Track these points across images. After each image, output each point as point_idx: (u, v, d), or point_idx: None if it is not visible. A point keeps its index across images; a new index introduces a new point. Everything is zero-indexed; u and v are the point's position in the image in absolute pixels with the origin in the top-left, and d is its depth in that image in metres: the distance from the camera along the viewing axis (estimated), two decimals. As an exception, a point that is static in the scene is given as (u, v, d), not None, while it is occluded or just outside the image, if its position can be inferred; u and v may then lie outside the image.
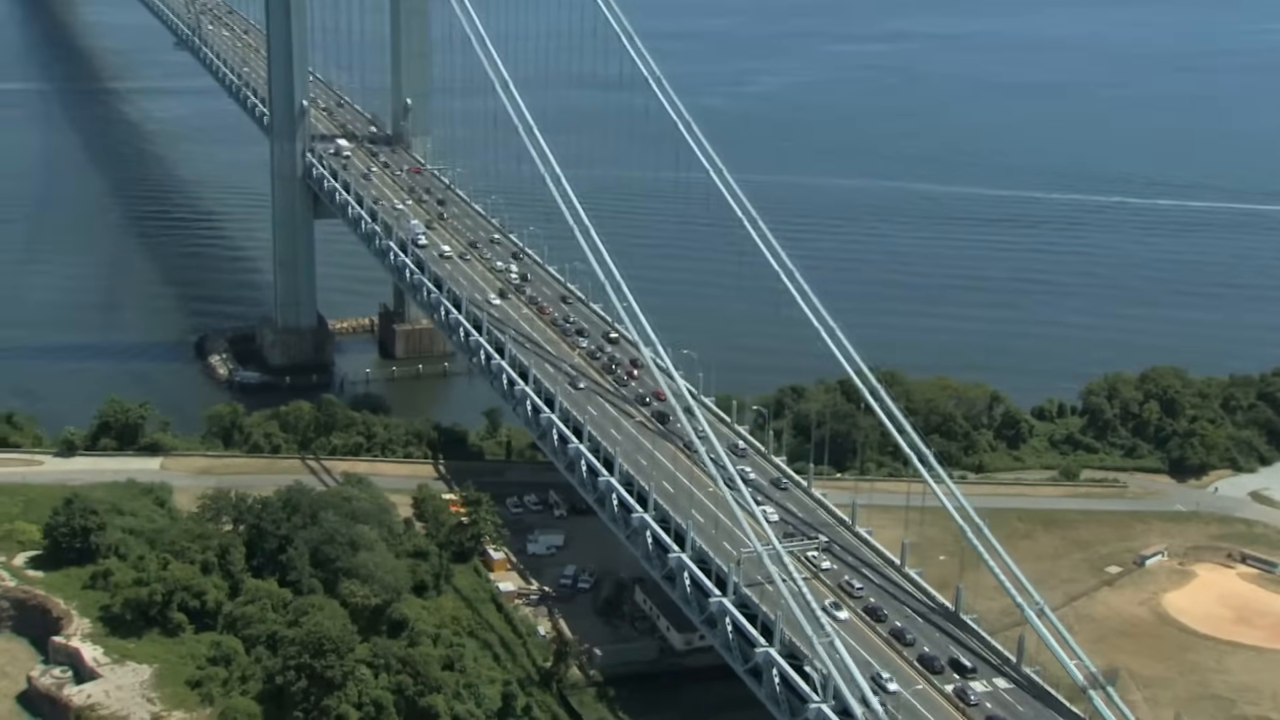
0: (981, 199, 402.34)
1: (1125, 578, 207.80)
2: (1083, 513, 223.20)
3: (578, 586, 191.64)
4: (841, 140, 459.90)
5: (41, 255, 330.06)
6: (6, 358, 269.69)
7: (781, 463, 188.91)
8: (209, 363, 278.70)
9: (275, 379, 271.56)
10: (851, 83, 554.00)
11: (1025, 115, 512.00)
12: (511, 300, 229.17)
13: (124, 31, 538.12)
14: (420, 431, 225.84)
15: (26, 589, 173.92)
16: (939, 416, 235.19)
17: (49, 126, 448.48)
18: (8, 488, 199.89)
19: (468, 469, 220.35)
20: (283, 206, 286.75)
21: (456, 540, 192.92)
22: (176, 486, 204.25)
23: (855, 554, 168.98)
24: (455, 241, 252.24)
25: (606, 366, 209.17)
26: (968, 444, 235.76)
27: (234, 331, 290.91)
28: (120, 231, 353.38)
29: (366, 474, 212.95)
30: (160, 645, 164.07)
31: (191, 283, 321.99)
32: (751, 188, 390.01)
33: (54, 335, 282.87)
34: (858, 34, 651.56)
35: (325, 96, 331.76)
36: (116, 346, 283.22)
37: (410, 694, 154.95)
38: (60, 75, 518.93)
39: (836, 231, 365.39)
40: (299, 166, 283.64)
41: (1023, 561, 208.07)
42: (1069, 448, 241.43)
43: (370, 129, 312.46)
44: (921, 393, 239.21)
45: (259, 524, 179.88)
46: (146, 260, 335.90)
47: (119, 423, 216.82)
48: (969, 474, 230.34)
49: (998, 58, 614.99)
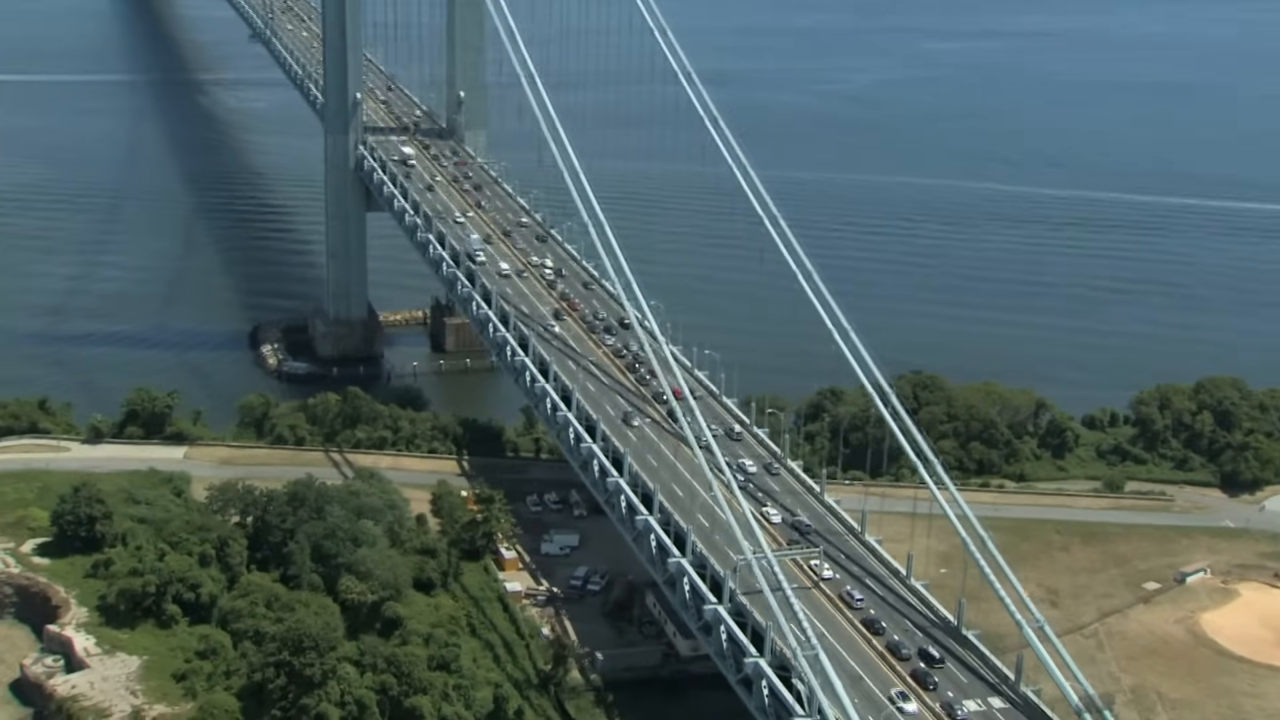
0: (1058, 200, 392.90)
1: (1163, 595, 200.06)
2: (1125, 526, 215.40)
3: (587, 588, 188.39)
4: (919, 140, 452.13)
5: (112, 244, 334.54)
6: (66, 344, 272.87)
7: (797, 467, 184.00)
8: (260, 353, 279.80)
9: (323, 370, 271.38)
10: (939, 81, 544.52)
11: (1116, 115, 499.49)
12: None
13: (217, 24, 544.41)
14: (445, 427, 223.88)
15: (30, 576, 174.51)
16: (980, 423, 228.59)
17: (136, 117, 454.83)
18: (28, 473, 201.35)
19: (492, 466, 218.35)
20: (334, 198, 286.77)
21: (468, 538, 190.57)
22: (197, 476, 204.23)
23: (860, 563, 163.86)
24: (514, 258, 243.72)
25: (630, 365, 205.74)
26: (1009, 452, 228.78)
27: (288, 322, 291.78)
28: (190, 221, 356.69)
29: (390, 468, 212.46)
30: (153, 637, 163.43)
31: (254, 273, 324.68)
32: (818, 185, 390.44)
33: (115, 323, 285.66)
34: (952, 31, 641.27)
35: (384, 89, 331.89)
36: (174, 335, 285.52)
37: (395, 694, 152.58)
38: (153, 67, 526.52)
39: (903, 232, 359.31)
40: (351, 158, 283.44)
41: (1057, 575, 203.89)
42: (1116, 458, 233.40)
43: (427, 122, 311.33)
44: (964, 398, 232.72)
45: (264, 517, 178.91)
46: (212, 250, 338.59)
47: (146, 411, 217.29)
48: (1007, 483, 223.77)
49: (1093, 56, 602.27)
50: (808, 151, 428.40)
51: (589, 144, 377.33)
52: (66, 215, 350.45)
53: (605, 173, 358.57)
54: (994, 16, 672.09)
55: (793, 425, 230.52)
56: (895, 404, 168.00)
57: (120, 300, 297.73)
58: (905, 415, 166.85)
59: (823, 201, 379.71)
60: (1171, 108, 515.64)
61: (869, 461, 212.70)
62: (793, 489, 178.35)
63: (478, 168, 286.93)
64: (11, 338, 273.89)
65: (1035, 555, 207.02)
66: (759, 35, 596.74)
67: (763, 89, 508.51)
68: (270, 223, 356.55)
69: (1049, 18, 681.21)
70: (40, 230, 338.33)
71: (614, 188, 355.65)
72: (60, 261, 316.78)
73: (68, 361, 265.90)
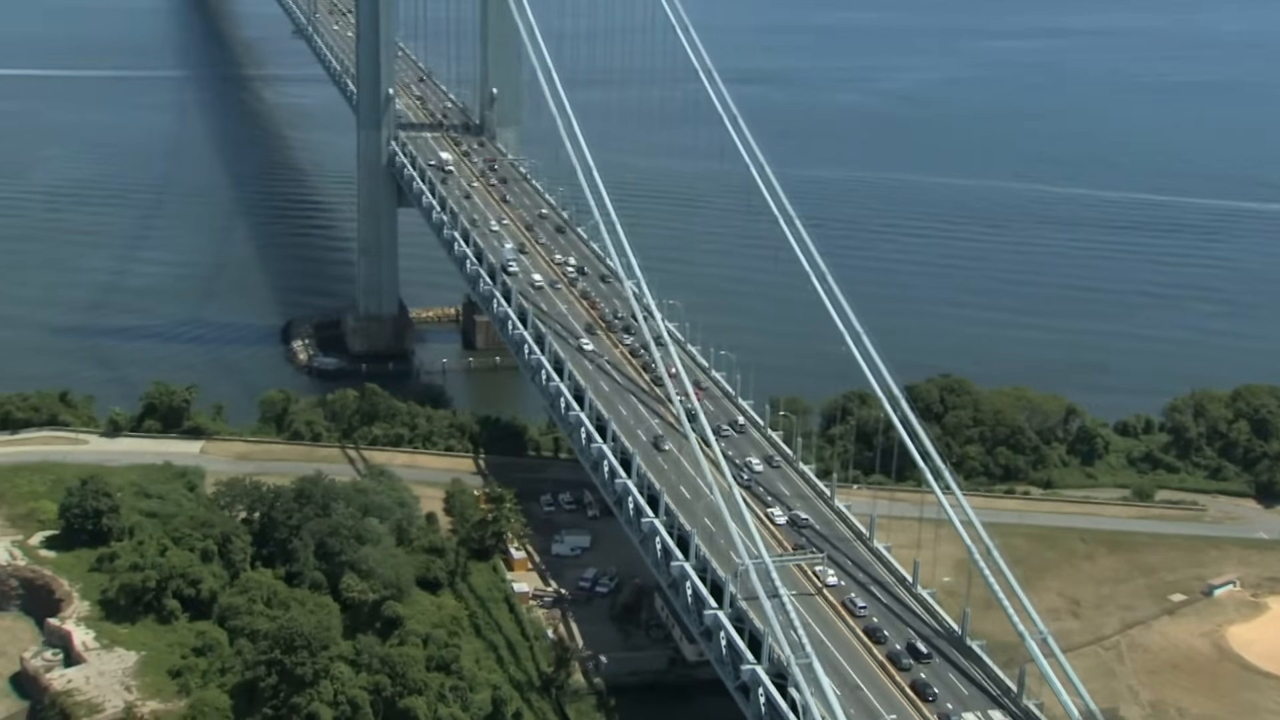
0: (1112, 204, 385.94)
1: (1189, 607, 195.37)
2: (1153, 536, 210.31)
3: (596, 590, 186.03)
4: (969, 140, 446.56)
5: (155, 239, 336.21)
6: (101, 337, 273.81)
7: (809, 470, 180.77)
8: (292, 348, 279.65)
9: (352, 366, 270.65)
10: (992, 80, 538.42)
11: (1184, 116, 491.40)
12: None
13: (269, 20, 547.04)
14: (462, 425, 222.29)
15: (35, 568, 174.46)
16: (1007, 428, 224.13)
17: (187, 112, 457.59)
18: (43, 466, 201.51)
19: (509, 464, 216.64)
20: (366, 194, 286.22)
21: (477, 537, 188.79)
22: (211, 471, 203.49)
23: (867, 570, 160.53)
24: (547, 269, 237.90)
25: (646, 364, 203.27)
26: (1037, 458, 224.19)
27: (320, 317, 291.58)
28: (231, 216, 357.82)
29: (405, 466, 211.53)
30: (152, 632, 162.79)
31: (290, 268, 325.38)
32: (864, 186, 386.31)
33: (150, 317, 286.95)
34: (1008, 30, 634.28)
35: (419, 83, 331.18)
36: (208, 330, 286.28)
37: (389, 695, 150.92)
38: (206, 63, 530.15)
39: (946, 234, 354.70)
40: (384, 154, 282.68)
41: (1080, 585, 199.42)
42: (1147, 466, 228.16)
43: (460, 118, 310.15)
44: (992, 403, 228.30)
45: (270, 513, 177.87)
46: (250, 245, 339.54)
47: (164, 405, 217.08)
48: (1034, 489, 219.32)
49: (1160, 55, 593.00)
50: (854, 151, 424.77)
51: (618, 141, 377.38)
52: (114, 210, 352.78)
53: (635, 169, 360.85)
54: (1056, 15, 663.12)
55: (816, 428, 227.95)
56: (905, 409, 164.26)
57: (157, 295, 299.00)
58: (915, 420, 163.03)
59: (867, 202, 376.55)
60: (1241, 109, 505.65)
61: (894, 465, 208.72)
62: (803, 493, 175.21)
63: (506, 164, 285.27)
64: (49, 331, 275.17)
65: (1059, 564, 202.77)
66: (806, 33, 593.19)
67: (810, 88, 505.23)
68: (309, 219, 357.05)
69: (1118, 15, 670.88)
70: (88, 225, 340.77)
71: (642, 185, 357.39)
72: (104, 256, 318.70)
73: (101, 355, 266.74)
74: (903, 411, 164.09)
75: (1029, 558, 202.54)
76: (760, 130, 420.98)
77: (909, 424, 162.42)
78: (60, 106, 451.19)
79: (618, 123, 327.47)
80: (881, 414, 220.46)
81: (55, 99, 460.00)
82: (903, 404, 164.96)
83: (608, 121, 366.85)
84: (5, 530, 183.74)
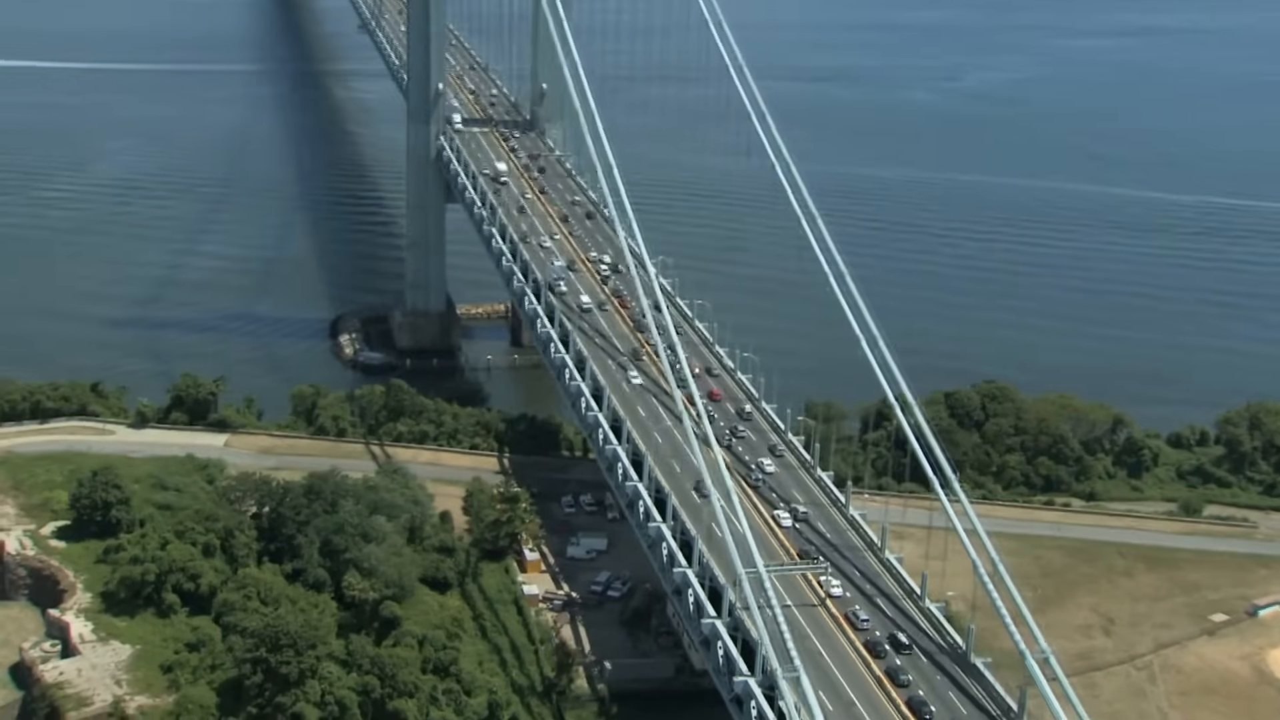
0: (1189, 207, 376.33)
1: (1231, 628, 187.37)
2: (1197, 552, 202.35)
3: (608, 594, 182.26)
4: (1042, 140, 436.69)
5: (214, 232, 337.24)
6: (151, 330, 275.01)
7: (827, 477, 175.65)
8: (338, 342, 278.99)
9: (397, 361, 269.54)
10: (1071, 79, 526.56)
11: (1273, 117, 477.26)
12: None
13: (347, 15, 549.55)
14: (488, 422, 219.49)
15: (43, 559, 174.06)
16: (1049, 437, 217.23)
17: (257, 106, 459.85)
18: (65, 455, 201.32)
19: (535, 464, 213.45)
20: (415, 189, 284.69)
21: (490, 538, 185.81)
22: (233, 464, 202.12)
23: (874, 581, 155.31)
24: (596, 288, 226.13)
25: (672, 364, 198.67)
26: (1080, 469, 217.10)
27: (369, 312, 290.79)
28: (291, 210, 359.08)
29: (429, 463, 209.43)
30: (150, 626, 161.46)
31: (345, 263, 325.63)
32: (932, 186, 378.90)
33: (202, 311, 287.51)
34: (1088, 28, 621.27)
35: (473, 78, 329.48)
36: (258, 323, 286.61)
37: (378, 696, 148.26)
38: (280, 57, 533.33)
39: (1011, 237, 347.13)
40: (432, 149, 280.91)
41: (1115, 601, 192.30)
42: (1197, 480, 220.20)
43: (511, 114, 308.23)
44: (1035, 411, 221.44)
45: (279, 509, 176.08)
46: (307, 239, 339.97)
47: (190, 397, 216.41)
48: (1074, 501, 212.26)
49: (1253, 53, 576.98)
50: (921, 150, 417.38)
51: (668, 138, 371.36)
52: (178, 203, 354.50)
53: (685, 167, 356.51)
54: (1141, 13, 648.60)
55: (854, 433, 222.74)
56: (918, 416, 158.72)
57: (211, 289, 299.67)
58: (927, 427, 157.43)
59: (931, 204, 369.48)
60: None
61: (924, 474, 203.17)
62: (817, 499, 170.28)
63: (553, 160, 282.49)
64: (100, 324, 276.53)
65: (1094, 579, 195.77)
66: (882, 30, 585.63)
67: (881, 86, 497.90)
68: (367, 213, 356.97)
69: (1207, 14, 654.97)
70: (151, 218, 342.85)
71: (692, 183, 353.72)
72: (163, 249, 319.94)
73: (148, 348, 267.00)
74: (915, 419, 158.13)
75: (1063, 572, 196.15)
76: (824, 128, 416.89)
77: (920, 432, 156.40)
78: (136, 100, 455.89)
79: (673, 118, 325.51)
80: (916, 420, 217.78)
81: (133, 92, 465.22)
82: (916, 411, 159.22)
83: (663, 117, 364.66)
84: (19, 519, 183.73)
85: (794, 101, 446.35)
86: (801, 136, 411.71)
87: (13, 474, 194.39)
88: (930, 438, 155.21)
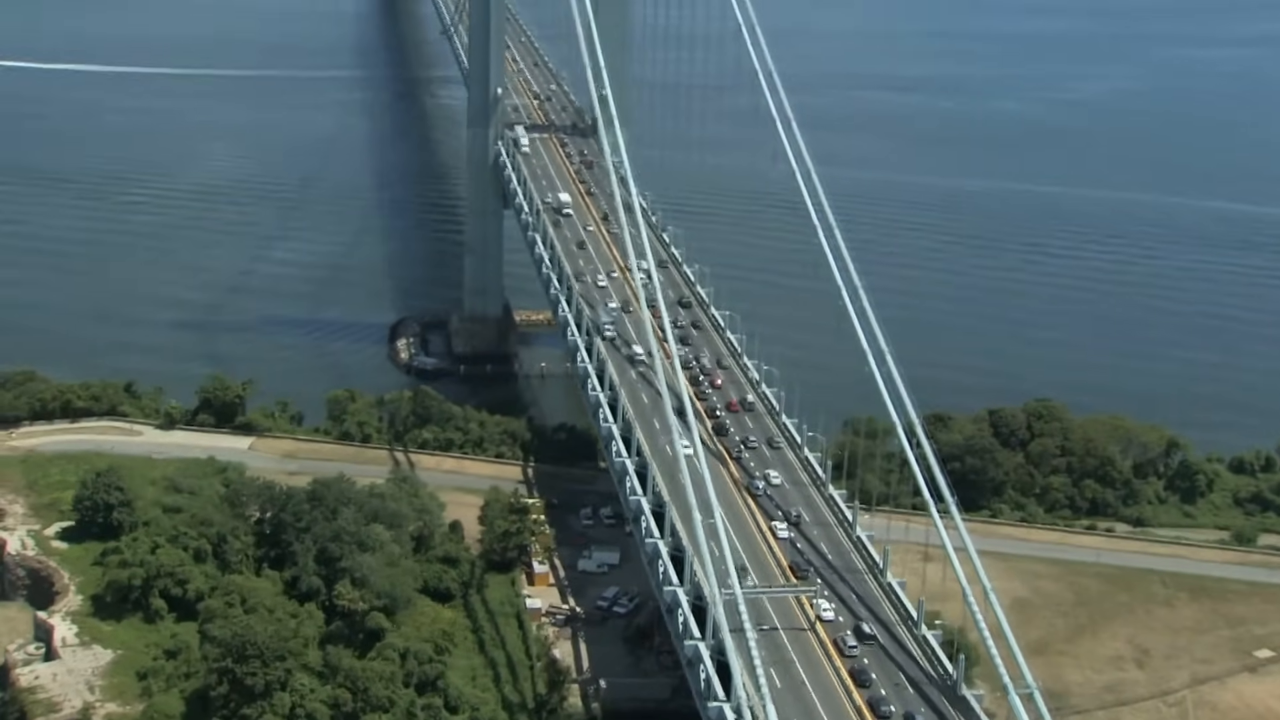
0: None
1: (1276, 665, 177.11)
2: (1248, 584, 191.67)
3: (614, 610, 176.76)
4: (1142, 153, 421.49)
5: (290, 236, 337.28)
6: (214, 333, 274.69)
7: (838, 496, 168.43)
8: (395, 346, 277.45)
9: (451, 366, 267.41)
10: (1183, 91, 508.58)
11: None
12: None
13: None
14: (514, 431, 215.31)
15: (41, 559, 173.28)
16: (1096, 459, 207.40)
17: (348, 111, 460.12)
18: (85, 455, 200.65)
19: (559, 475, 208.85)
20: (474, 194, 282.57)
21: (499, 549, 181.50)
22: (254, 468, 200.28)
23: (870, 605, 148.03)
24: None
25: (694, 378, 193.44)
26: (1128, 493, 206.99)
27: (430, 316, 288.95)
28: (366, 213, 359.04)
29: (451, 471, 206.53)
30: (135, 631, 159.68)
31: (413, 266, 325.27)
32: (1017, 197, 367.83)
33: (267, 314, 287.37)
34: (1212, 37, 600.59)
35: (541, 85, 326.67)
36: (321, 326, 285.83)
37: (350, 710, 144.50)
38: (376, 64, 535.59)
39: (1093, 252, 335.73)
40: (490, 153, 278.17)
41: (1152, 633, 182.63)
42: (1255, 508, 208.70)
43: (573, 118, 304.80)
44: (1084, 431, 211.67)
45: (280, 514, 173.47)
46: (380, 242, 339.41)
47: (218, 400, 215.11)
48: (1118, 526, 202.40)
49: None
50: (1015, 161, 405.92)
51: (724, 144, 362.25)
52: (258, 207, 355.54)
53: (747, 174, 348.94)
54: (1261, 23, 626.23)
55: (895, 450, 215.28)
56: (920, 435, 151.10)
57: (279, 292, 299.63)
58: (928, 446, 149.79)
59: (1016, 216, 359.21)
60: None
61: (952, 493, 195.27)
62: (823, 519, 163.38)
63: (608, 166, 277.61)
64: (161, 326, 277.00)
65: (1132, 609, 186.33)
66: (990, 40, 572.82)
67: (981, 96, 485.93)
68: (438, 218, 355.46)
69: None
70: (229, 222, 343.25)
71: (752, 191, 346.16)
72: (236, 252, 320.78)
73: (204, 351, 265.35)
74: (918, 437, 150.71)
75: (1098, 600, 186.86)
76: (916, 138, 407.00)
77: (921, 450, 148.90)
78: (235, 106, 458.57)
79: (728, 124, 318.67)
80: (960, 439, 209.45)
81: (233, 98, 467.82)
82: (918, 429, 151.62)
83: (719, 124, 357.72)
84: (26, 519, 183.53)
85: (887, 110, 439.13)
86: (891, 147, 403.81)
87: (29, 473, 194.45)
88: (931, 459, 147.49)
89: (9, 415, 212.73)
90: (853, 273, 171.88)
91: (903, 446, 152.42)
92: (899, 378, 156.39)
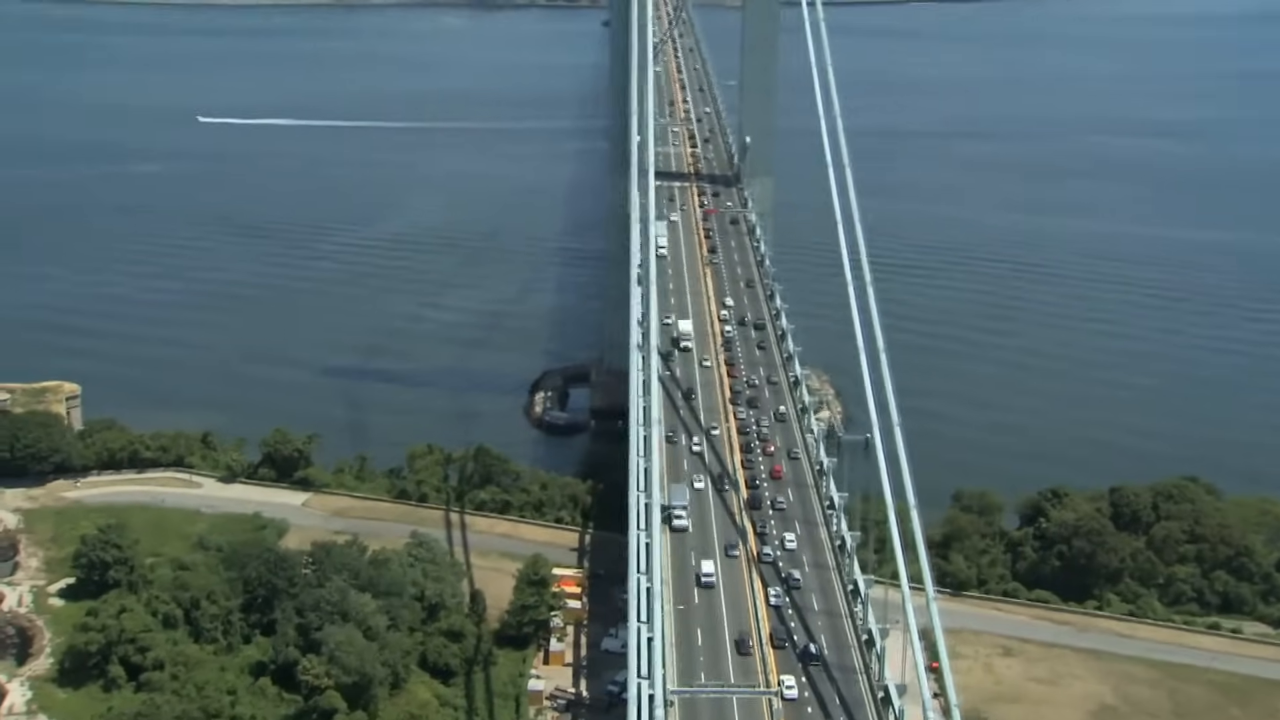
0: None
1: None
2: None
3: (623, 697, 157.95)
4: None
5: (462, 284, 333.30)
6: (354, 379, 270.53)
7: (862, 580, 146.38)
8: (533, 399, 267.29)
9: (582, 422, 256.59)
10: None
11: None
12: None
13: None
14: (577, 495, 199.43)
15: (31, 618, 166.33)
16: (1232, 548, 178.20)
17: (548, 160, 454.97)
18: (123, 509, 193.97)
19: (613, 542, 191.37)
20: (614, 244, 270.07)
21: (514, 623, 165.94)
22: (299, 526, 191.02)
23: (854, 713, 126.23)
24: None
25: (746, 445, 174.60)
26: (1269, 588, 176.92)
27: (573, 370, 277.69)
28: (543, 261, 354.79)
29: (504, 535, 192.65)
30: (90, 700, 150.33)
31: (573, 316, 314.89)
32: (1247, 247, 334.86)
33: (416, 363, 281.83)
34: None
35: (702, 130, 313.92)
36: (466, 378, 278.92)
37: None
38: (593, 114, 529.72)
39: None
40: (628, 205, 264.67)
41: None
42: None
43: (721, 167, 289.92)
44: (1219, 515, 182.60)
45: (272, 579, 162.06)
46: (547, 291, 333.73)
47: (279, 454, 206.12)
48: (1246, 626, 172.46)
49: None
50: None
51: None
52: (441, 256, 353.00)
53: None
54: None
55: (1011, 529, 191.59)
56: (913, 517, 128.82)
57: (438, 340, 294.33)
58: (915, 516, 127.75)
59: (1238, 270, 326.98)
60: None
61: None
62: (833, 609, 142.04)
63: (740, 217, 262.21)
64: (310, 371, 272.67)
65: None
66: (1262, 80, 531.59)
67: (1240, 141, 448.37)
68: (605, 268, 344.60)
69: None
70: (411, 270, 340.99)
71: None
72: (408, 300, 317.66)
73: (345, 398, 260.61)
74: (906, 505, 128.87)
75: (1204, 713, 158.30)
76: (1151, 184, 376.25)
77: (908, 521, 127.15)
78: (449, 156, 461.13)
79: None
80: (1076, 519, 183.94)
81: (450, 149, 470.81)
82: (908, 495, 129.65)
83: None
84: (37, 573, 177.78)
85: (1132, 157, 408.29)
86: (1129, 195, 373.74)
87: (58, 525, 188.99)
88: (919, 539, 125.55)
89: (78, 464, 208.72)
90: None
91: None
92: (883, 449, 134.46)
